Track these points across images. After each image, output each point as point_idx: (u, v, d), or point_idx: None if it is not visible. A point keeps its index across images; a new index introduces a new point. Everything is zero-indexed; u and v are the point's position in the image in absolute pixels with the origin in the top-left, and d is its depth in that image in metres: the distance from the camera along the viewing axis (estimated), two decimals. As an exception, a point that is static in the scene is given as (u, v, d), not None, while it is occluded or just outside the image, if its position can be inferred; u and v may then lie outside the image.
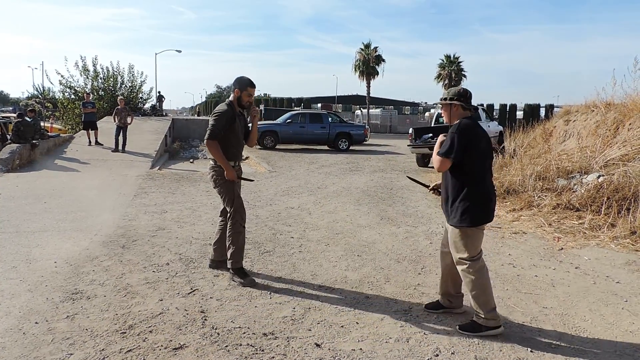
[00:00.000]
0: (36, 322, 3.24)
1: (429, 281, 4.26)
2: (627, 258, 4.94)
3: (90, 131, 14.63)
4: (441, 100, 3.37)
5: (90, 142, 14.57)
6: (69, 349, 2.90)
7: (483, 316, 3.15)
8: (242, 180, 4.25)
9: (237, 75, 4.08)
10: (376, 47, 36.55)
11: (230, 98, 4.09)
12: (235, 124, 4.05)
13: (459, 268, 3.24)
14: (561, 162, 8.36)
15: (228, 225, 4.11)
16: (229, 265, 4.13)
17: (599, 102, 11.18)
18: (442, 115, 3.44)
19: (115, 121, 14.17)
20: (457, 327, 3.27)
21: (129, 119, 14.29)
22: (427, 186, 3.66)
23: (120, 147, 13.88)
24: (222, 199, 4.14)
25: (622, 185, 6.42)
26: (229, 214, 4.11)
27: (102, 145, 14.41)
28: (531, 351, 3.00)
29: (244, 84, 4.03)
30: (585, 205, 6.46)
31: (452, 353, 2.96)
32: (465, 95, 3.28)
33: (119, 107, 14.28)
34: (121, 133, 13.95)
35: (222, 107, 4.03)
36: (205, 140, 3.98)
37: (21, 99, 61.10)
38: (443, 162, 3.17)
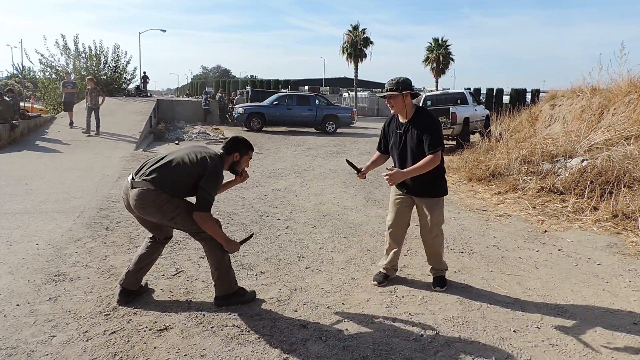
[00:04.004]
0: (17, 305, 3.18)
1: (414, 263, 4.29)
2: (609, 241, 5.02)
3: (70, 112, 14.20)
4: (390, 91, 3.43)
5: (71, 122, 14.17)
6: (51, 331, 2.87)
7: (446, 268, 3.79)
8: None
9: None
10: (364, 29, 36.28)
11: (219, 153, 3.20)
12: None
13: (435, 235, 3.62)
14: (546, 146, 8.43)
15: (207, 251, 3.24)
16: (218, 293, 3.29)
17: (585, 87, 11.27)
18: (390, 106, 3.51)
19: (87, 102, 13.45)
20: (435, 289, 3.66)
21: (100, 99, 13.50)
22: (359, 170, 3.71)
23: (94, 129, 13.22)
24: (187, 230, 3.16)
25: (605, 170, 6.50)
26: (203, 242, 3.20)
27: (76, 127, 13.83)
28: (514, 331, 3.05)
29: (247, 148, 3.27)
30: (569, 189, 6.54)
31: (436, 333, 2.99)
32: (411, 84, 3.48)
33: (89, 87, 13.51)
34: (93, 114, 13.27)
35: (218, 165, 3.08)
36: (197, 213, 2.98)
37: (0, 78, 59.60)
38: (437, 156, 3.37)
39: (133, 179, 3.06)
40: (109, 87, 23.89)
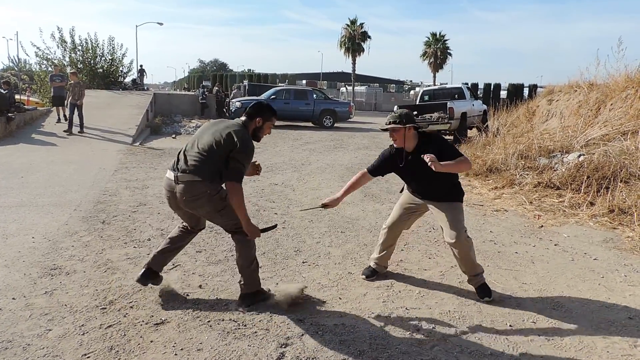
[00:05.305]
0: (13, 298, 3.17)
1: (411, 257, 4.29)
2: (605, 235, 5.04)
3: (60, 107, 13.70)
4: (392, 124, 3.37)
5: (59, 119, 13.61)
6: (47, 324, 2.86)
7: (482, 273, 3.50)
8: None
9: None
10: (362, 24, 36.25)
11: (241, 121, 3.19)
12: None
13: (460, 241, 3.36)
14: (543, 142, 8.45)
15: (241, 247, 3.14)
16: (246, 290, 3.20)
17: (582, 82, 11.28)
18: (393, 139, 3.45)
19: (68, 98, 12.50)
20: (483, 299, 3.40)
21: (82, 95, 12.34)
22: (322, 206, 3.54)
23: (79, 127, 12.22)
24: (227, 225, 3.11)
25: (602, 165, 6.52)
26: (239, 236, 3.12)
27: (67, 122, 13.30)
28: (510, 326, 3.06)
29: (271, 113, 3.23)
30: (566, 184, 6.56)
31: (433, 327, 3.00)
32: (413, 117, 3.48)
33: (72, 81, 12.56)
34: (75, 111, 12.17)
35: (245, 135, 3.08)
36: (227, 182, 2.96)
37: (-4, 70, 59.18)
38: (468, 160, 3.45)
39: (176, 175, 2.97)
40: (105, 80, 23.76)
